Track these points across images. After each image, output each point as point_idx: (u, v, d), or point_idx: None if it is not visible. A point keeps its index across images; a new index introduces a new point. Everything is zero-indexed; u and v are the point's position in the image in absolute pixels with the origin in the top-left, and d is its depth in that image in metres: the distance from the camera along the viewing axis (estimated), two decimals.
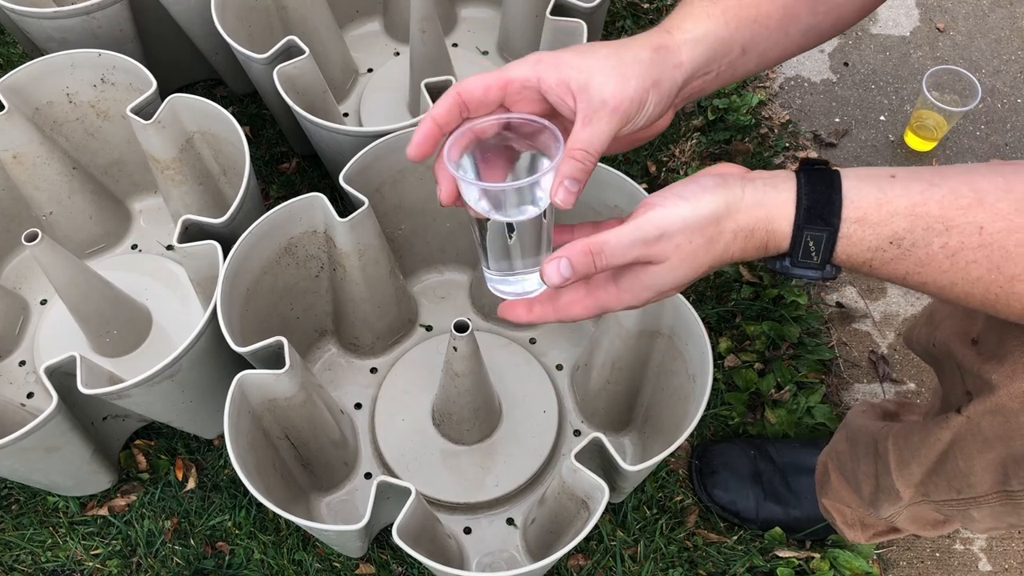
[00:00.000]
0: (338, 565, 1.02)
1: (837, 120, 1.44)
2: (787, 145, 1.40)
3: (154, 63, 1.20)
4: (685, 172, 1.34)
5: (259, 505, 1.06)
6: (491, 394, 1.02)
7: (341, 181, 0.94)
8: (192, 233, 0.94)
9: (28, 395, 1.12)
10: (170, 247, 1.24)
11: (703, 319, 0.88)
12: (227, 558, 1.03)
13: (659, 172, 1.34)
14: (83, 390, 0.84)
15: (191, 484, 1.08)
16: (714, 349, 1.14)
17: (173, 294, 1.18)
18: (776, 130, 1.41)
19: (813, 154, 1.39)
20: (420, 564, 0.90)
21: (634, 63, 0.55)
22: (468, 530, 1.02)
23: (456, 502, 1.02)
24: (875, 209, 0.50)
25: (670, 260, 0.52)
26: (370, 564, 1.02)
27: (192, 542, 1.04)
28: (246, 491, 1.06)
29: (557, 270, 0.52)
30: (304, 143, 1.27)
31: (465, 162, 0.56)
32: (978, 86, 1.28)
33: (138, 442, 1.11)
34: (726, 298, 1.22)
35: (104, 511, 1.06)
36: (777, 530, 1.03)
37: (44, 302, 1.19)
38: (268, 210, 0.93)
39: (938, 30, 1.54)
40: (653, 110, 0.57)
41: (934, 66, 1.32)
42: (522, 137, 0.56)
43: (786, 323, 1.19)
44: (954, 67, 1.30)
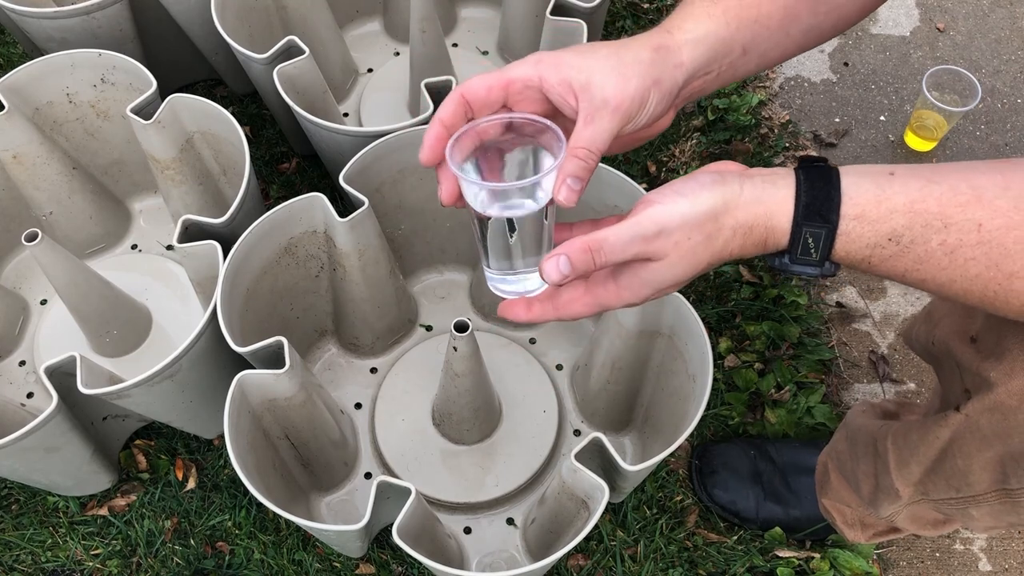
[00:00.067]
0: (338, 565, 1.02)
1: (837, 120, 1.44)
2: (787, 145, 1.40)
3: (154, 63, 1.20)
4: (685, 172, 1.34)
5: (259, 505, 1.06)
6: (491, 394, 1.02)
7: (341, 181, 0.94)
8: (192, 233, 0.94)
9: (28, 395, 1.12)
10: (170, 247, 1.24)
11: (703, 319, 0.88)
12: (227, 558, 1.03)
13: (659, 172, 1.34)
14: (83, 390, 0.84)
15: (191, 484, 1.08)
16: (714, 349, 1.14)
17: (173, 294, 1.18)
18: (776, 130, 1.41)
19: (813, 154, 1.39)
20: (420, 564, 0.90)
21: (635, 63, 0.55)
22: (468, 530, 1.02)
23: (456, 502, 1.02)
24: (874, 206, 0.50)
25: (669, 257, 0.52)
26: (370, 564, 1.02)
27: (192, 542, 1.04)
28: (246, 491, 1.06)
29: (556, 267, 0.52)
30: (304, 143, 1.27)
31: (467, 162, 0.56)
32: (978, 86, 1.28)
33: (138, 442, 1.11)
34: (726, 298, 1.22)
35: (104, 511, 1.06)
36: (777, 530, 1.03)
37: (44, 302, 1.19)
38: (268, 210, 0.94)
39: (938, 30, 1.54)
40: (654, 109, 0.57)
41: (934, 66, 1.32)
42: (524, 137, 0.56)
43: (786, 323, 1.19)
44: (954, 67, 1.30)
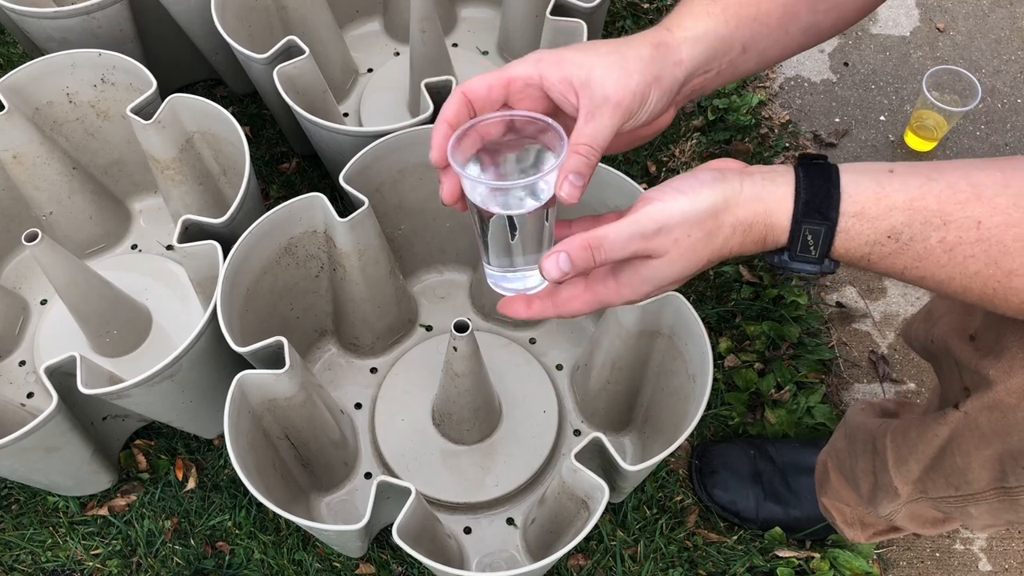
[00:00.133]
0: (338, 565, 1.02)
1: (837, 120, 1.44)
2: (787, 145, 1.40)
3: (154, 63, 1.20)
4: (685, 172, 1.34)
5: (259, 505, 1.06)
6: (491, 394, 1.02)
7: (341, 181, 0.94)
8: (192, 233, 0.94)
9: (28, 395, 1.12)
10: (170, 247, 1.24)
11: (703, 319, 0.88)
12: (227, 558, 1.03)
13: (659, 172, 1.35)
14: (83, 390, 0.84)
15: (191, 484, 1.08)
16: (714, 349, 1.14)
17: (173, 294, 1.18)
18: (776, 130, 1.41)
19: (812, 152, 1.39)
20: (420, 564, 0.90)
21: (635, 59, 0.55)
22: (468, 530, 1.02)
23: (456, 502, 1.02)
24: (873, 203, 0.51)
25: (669, 254, 0.52)
26: (370, 564, 1.02)
27: (192, 542, 1.04)
28: (246, 491, 1.06)
29: (556, 264, 0.52)
30: (304, 143, 1.27)
31: (469, 161, 0.56)
32: (978, 86, 1.28)
33: (138, 442, 1.11)
34: (726, 298, 1.22)
35: (104, 511, 1.06)
36: (777, 530, 1.03)
37: (44, 302, 1.19)
38: (268, 210, 0.94)
39: (938, 30, 1.54)
40: (655, 106, 0.57)
41: (934, 66, 1.32)
42: (526, 138, 0.56)
43: (786, 323, 1.19)
44: (954, 67, 1.30)
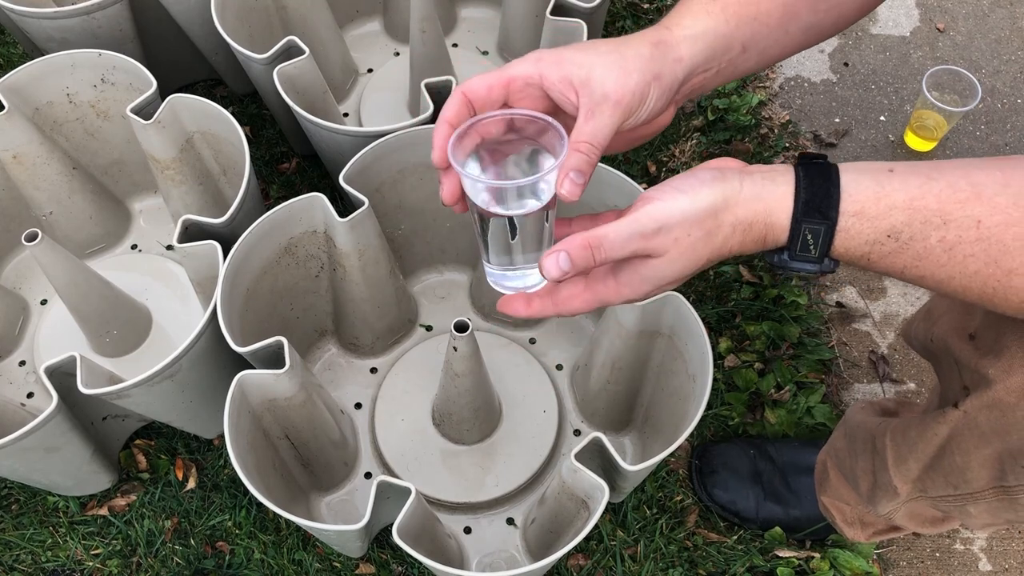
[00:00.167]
0: (338, 565, 1.02)
1: (837, 120, 1.44)
2: (787, 145, 1.40)
3: (154, 63, 1.20)
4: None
5: (259, 505, 1.06)
6: (491, 394, 1.02)
7: (341, 181, 0.94)
8: (192, 233, 0.94)
9: (28, 395, 1.12)
10: (170, 247, 1.24)
11: (703, 319, 0.88)
12: (227, 558, 1.03)
13: (659, 172, 1.35)
14: (83, 390, 0.84)
15: (191, 484, 1.08)
16: (714, 349, 1.14)
17: (173, 294, 1.18)
18: (776, 130, 1.41)
19: (812, 151, 1.39)
20: (420, 564, 0.90)
21: (635, 57, 0.56)
22: (468, 530, 1.02)
23: (456, 502, 1.02)
24: (873, 203, 0.51)
25: (669, 253, 0.52)
26: (370, 564, 1.02)
27: (192, 542, 1.04)
28: (246, 491, 1.06)
29: (556, 263, 0.52)
30: (304, 143, 1.27)
31: (469, 159, 0.56)
32: (978, 86, 1.28)
33: (138, 442, 1.11)
34: (726, 298, 1.22)
35: (104, 511, 1.06)
36: (777, 530, 1.03)
37: (44, 302, 1.19)
38: (268, 210, 0.94)
39: (938, 30, 1.54)
40: (655, 104, 0.57)
41: (934, 66, 1.32)
42: (526, 138, 0.56)
43: (786, 323, 1.19)
44: (954, 67, 1.30)
